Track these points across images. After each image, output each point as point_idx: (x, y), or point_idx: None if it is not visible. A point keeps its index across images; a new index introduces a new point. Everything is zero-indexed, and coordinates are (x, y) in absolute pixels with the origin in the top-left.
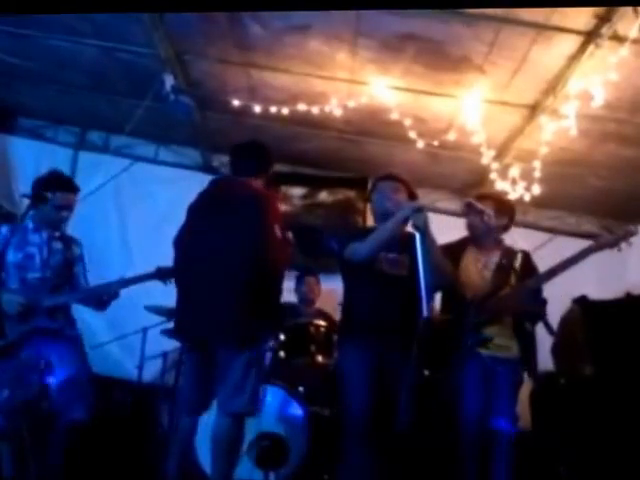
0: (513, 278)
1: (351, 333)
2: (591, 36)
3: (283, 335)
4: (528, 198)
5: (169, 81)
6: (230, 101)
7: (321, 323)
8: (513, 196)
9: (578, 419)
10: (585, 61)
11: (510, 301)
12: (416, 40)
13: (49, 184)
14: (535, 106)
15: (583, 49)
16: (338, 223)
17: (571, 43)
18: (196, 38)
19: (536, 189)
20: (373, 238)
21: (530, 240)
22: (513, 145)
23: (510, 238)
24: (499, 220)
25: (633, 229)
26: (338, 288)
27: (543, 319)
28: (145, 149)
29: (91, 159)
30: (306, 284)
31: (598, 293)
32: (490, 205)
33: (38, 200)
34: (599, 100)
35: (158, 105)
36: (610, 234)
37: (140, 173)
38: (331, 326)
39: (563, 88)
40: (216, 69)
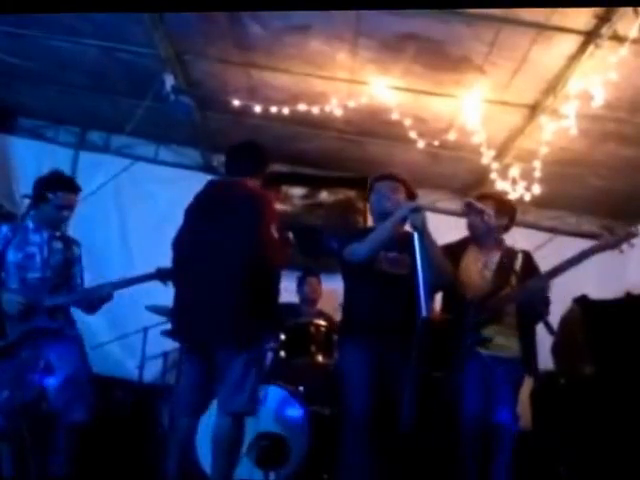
0: (514, 278)
1: (351, 333)
2: (591, 36)
3: (283, 335)
4: (528, 198)
5: (169, 81)
6: (230, 101)
7: (321, 323)
8: (513, 196)
9: (578, 419)
10: (585, 61)
11: (512, 301)
12: (416, 40)
13: (51, 184)
14: (535, 106)
15: (583, 49)
16: (338, 223)
17: (571, 43)
18: (196, 38)
19: (536, 189)
20: (371, 238)
21: (530, 240)
22: (513, 145)
23: (510, 238)
24: (499, 220)
25: (634, 230)
26: (339, 288)
27: (543, 319)
28: (145, 149)
29: (91, 159)
30: (308, 285)
31: (598, 293)
32: (490, 205)
33: (39, 200)
34: (599, 100)
35: (158, 105)
36: (611, 235)
37: (140, 173)
38: (331, 326)
39: (563, 88)
40: (216, 69)
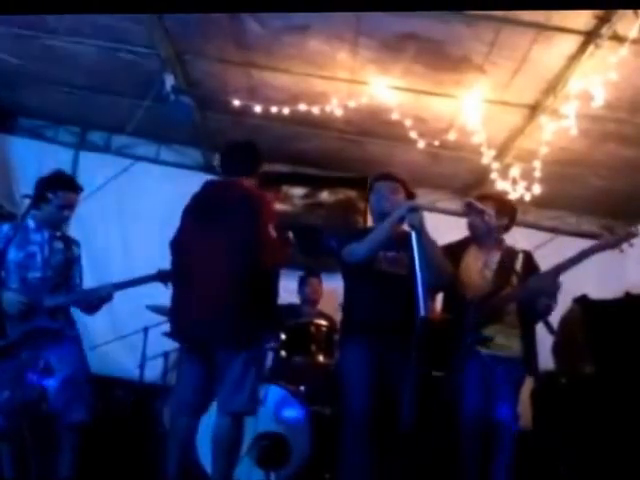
0: (514, 278)
1: (351, 333)
2: (591, 36)
3: (284, 335)
4: (528, 198)
5: (169, 81)
6: (230, 101)
7: (322, 323)
8: (513, 196)
9: (579, 419)
10: (585, 61)
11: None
12: (416, 40)
13: (52, 183)
14: (535, 106)
15: (583, 49)
16: (339, 223)
17: (571, 43)
18: (196, 38)
19: (536, 189)
20: (369, 239)
21: (531, 240)
22: (513, 145)
23: (511, 238)
24: (500, 220)
25: (634, 230)
26: (339, 288)
27: (548, 314)
28: (146, 149)
29: (92, 159)
30: (309, 285)
31: (598, 293)
32: (491, 205)
33: (40, 200)
34: (599, 100)
35: (159, 105)
36: (612, 235)
37: (141, 173)
38: (332, 326)
39: (563, 88)
40: (216, 69)
